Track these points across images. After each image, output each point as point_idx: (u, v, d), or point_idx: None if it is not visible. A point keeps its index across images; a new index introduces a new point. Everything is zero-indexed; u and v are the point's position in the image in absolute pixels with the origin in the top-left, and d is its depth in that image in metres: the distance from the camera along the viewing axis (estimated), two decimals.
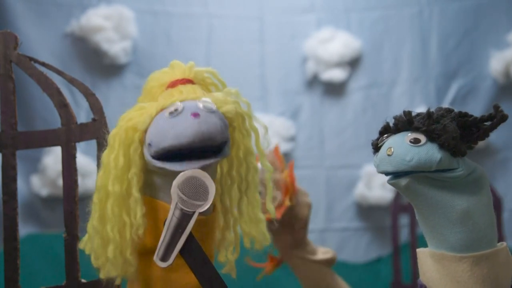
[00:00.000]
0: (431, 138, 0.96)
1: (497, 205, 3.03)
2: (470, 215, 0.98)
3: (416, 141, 0.97)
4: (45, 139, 1.35)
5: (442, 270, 0.99)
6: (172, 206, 0.99)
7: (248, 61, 3.62)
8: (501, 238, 3.02)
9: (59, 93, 1.32)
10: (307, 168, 3.58)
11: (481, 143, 1.05)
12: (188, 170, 0.99)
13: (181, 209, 0.99)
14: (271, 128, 3.48)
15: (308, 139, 3.61)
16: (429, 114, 0.99)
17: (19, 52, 1.34)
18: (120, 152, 1.06)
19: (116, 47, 3.37)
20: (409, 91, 3.62)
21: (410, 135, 0.98)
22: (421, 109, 3.48)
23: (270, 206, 1.21)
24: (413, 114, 1.02)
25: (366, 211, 3.56)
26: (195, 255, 0.98)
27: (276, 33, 3.65)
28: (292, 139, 3.55)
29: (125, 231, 1.05)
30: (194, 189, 0.98)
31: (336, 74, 3.56)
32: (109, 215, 1.05)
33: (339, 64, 3.56)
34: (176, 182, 0.98)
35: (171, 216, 0.99)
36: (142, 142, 1.07)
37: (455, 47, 3.61)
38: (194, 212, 0.98)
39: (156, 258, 0.99)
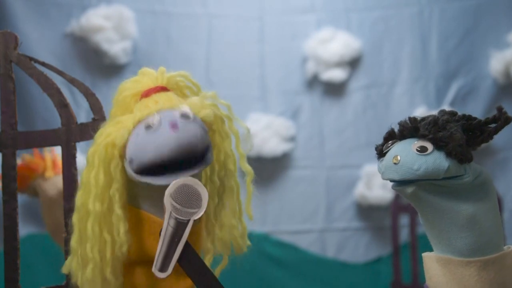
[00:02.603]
0: (438, 146, 0.95)
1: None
2: (476, 219, 0.98)
3: (423, 150, 0.96)
4: (45, 139, 1.35)
5: (449, 275, 0.99)
6: (166, 216, 0.98)
7: (248, 61, 3.62)
8: None
9: (59, 93, 1.32)
10: (307, 168, 3.58)
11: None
12: (179, 179, 0.98)
13: (176, 218, 0.98)
14: (271, 128, 3.48)
15: (308, 139, 3.61)
16: (435, 120, 0.98)
17: (19, 52, 1.34)
18: (100, 169, 1.04)
19: (116, 47, 3.37)
20: (409, 91, 3.62)
21: (416, 143, 0.97)
22: (421, 109, 3.48)
23: (249, 210, 1.20)
24: (418, 119, 1.00)
25: (366, 211, 3.56)
26: (193, 262, 0.97)
27: (276, 33, 3.64)
28: (292, 139, 3.55)
29: (106, 249, 1.02)
30: (187, 197, 0.97)
31: (336, 74, 3.56)
32: (89, 234, 1.02)
33: (339, 64, 3.56)
34: (168, 191, 0.97)
35: (166, 226, 0.98)
36: (122, 157, 1.05)
37: (455, 47, 3.61)
38: (189, 220, 0.97)
39: (154, 269, 0.98)
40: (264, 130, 3.45)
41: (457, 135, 0.95)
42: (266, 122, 3.47)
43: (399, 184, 0.97)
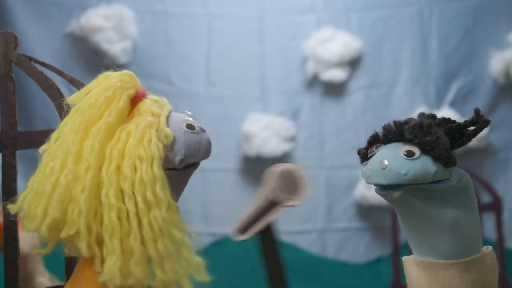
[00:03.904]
0: (424, 150, 0.96)
1: (497, 205, 3.02)
2: (459, 222, 0.98)
3: (410, 154, 0.96)
4: (45, 139, 1.35)
5: (430, 278, 0.99)
6: (266, 190, 1.00)
7: (248, 61, 3.62)
8: (501, 239, 3.03)
9: (59, 93, 1.32)
10: (307, 168, 3.56)
11: (481, 143, 1.05)
12: (290, 165, 1.01)
13: (273, 196, 1.00)
14: (271, 128, 3.49)
15: (308, 139, 3.61)
16: (420, 124, 0.97)
17: (19, 52, 1.34)
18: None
19: (116, 47, 3.38)
20: (409, 91, 3.62)
21: (403, 148, 0.97)
22: (421, 109, 3.48)
23: None
24: (402, 122, 1.00)
25: (366, 211, 3.56)
26: (269, 240, 1.00)
27: (276, 33, 3.65)
28: (292, 139, 3.55)
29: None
30: (290, 184, 0.99)
31: (336, 74, 3.56)
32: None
33: (339, 64, 3.56)
34: (276, 170, 1.00)
35: (261, 197, 1.01)
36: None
37: (455, 47, 3.62)
38: (282, 203, 1.00)
39: (235, 230, 1.01)
40: (264, 130, 3.45)
41: (443, 140, 0.95)
42: (266, 122, 3.47)
43: (384, 188, 0.97)
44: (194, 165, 1.07)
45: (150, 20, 3.53)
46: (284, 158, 3.53)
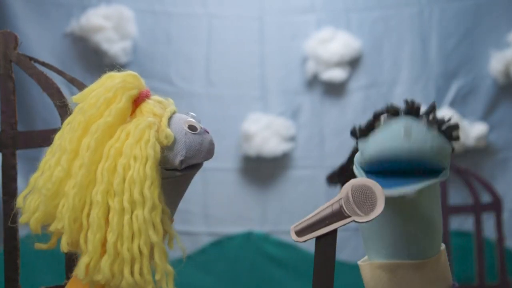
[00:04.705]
0: (439, 129, 0.94)
1: (497, 205, 3.02)
2: (435, 220, 0.97)
3: (432, 127, 0.92)
4: (45, 139, 1.34)
5: (396, 280, 0.96)
6: (336, 198, 0.98)
7: (248, 61, 3.62)
8: (501, 239, 3.03)
9: (59, 93, 1.32)
10: (307, 168, 3.58)
11: (481, 143, 1.04)
12: (369, 180, 0.97)
13: (341, 207, 0.97)
14: (271, 128, 3.49)
15: (308, 139, 3.61)
16: (434, 105, 0.97)
17: (19, 52, 1.34)
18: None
19: (116, 47, 3.37)
20: (409, 91, 3.61)
21: (422, 122, 0.93)
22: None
23: None
24: (412, 100, 1.00)
25: None
26: (326, 250, 0.97)
27: (276, 33, 3.65)
28: (292, 139, 3.55)
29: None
30: (364, 199, 0.95)
31: (336, 74, 3.56)
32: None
33: (339, 64, 3.56)
34: (353, 181, 0.97)
35: (329, 204, 0.99)
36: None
37: (455, 47, 3.62)
38: (349, 217, 0.97)
39: (293, 228, 1.00)
40: (264, 130, 3.45)
41: (455, 121, 0.95)
42: (266, 122, 3.47)
43: (399, 186, 0.93)
44: (196, 166, 1.07)
45: (150, 20, 3.53)
46: (284, 158, 3.53)
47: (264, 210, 3.52)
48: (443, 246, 1.01)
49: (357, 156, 0.99)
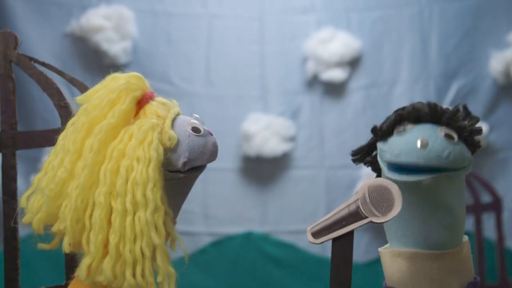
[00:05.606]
0: (460, 136, 0.94)
1: (497, 205, 3.03)
2: (459, 212, 0.98)
3: (450, 137, 0.92)
4: (45, 139, 1.35)
5: (414, 269, 0.98)
6: (352, 199, 0.98)
7: (248, 61, 3.62)
8: (501, 239, 3.03)
9: (59, 93, 1.32)
10: (307, 168, 3.58)
11: (481, 143, 1.04)
12: (385, 180, 0.97)
13: (358, 207, 0.97)
14: (271, 128, 3.49)
15: (308, 139, 3.61)
16: (458, 110, 0.96)
17: (19, 52, 1.34)
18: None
19: (116, 47, 3.37)
20: (409, 91, 3.61)
21: (442, 130, 0.94)
22: None
23: None
24: (435, 103, 0.99)
25: None
26: (343, 251, 0.97)
27: (276, 33, 3.65)
28: (292, 139, 3.55)
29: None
30: (381, 200, 0.95)
31: (336, 74, 3.56)
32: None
33: (339, 64, 3.56)
34: (369, 182, 0.97)
35: (346, 205, 0.99)
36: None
37: (455, 47, 3.61)
38: (366, 217, 0.97)
39: (309, 230, 1.00)
40: (264, 130, 3.45)
41: (478, 127, 0.96)
42: (266, 122, 3.47)
43: (417, 171, 0.92)
44: (199, 168, 1.07)
45: (150, 20, 3.53)
46: (284, 158, 3.53)
47: (264, 210, 3.52)
48: (466, 238, 1.01)
49: (379, 149, 1.00)
